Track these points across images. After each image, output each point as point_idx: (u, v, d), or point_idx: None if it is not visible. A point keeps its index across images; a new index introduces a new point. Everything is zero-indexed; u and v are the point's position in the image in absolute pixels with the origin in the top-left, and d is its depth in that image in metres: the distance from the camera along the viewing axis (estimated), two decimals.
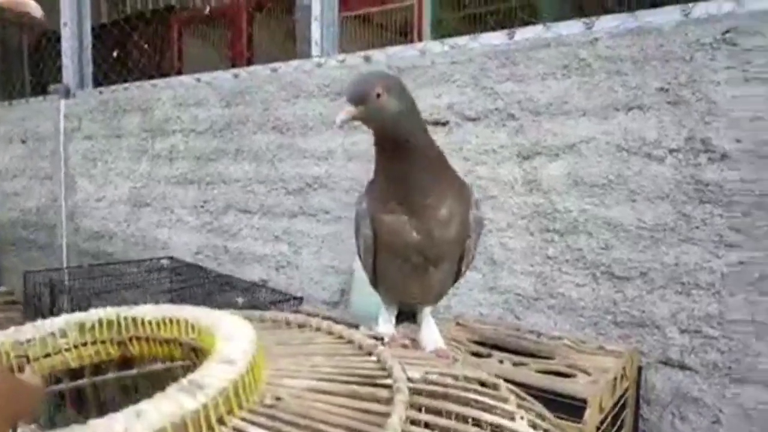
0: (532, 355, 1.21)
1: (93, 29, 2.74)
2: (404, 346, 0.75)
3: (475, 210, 0.83)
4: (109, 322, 0.57)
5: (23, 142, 3.03)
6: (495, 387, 0.55)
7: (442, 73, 1.57)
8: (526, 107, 1.43)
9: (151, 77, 2.51)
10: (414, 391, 0.47)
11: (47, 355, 0.54)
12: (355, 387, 0.46)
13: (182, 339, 0.54)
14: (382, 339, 0.62)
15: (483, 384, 0.56)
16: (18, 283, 2.36)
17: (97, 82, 2.76)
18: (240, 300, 1.84)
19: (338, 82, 1.78)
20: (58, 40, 2.77)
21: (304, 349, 0.54)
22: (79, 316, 0.56)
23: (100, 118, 2.58)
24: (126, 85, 2.52)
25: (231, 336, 0.46)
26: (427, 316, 0.91)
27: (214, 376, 0.41)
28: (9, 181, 3.15)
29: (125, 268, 2.22)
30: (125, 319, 0.56)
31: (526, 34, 1.44)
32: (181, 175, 2.28)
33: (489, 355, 1.21)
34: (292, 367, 0.48)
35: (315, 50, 1.86)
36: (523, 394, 0.59)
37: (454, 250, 0.83)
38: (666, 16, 1.24)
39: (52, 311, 1.99)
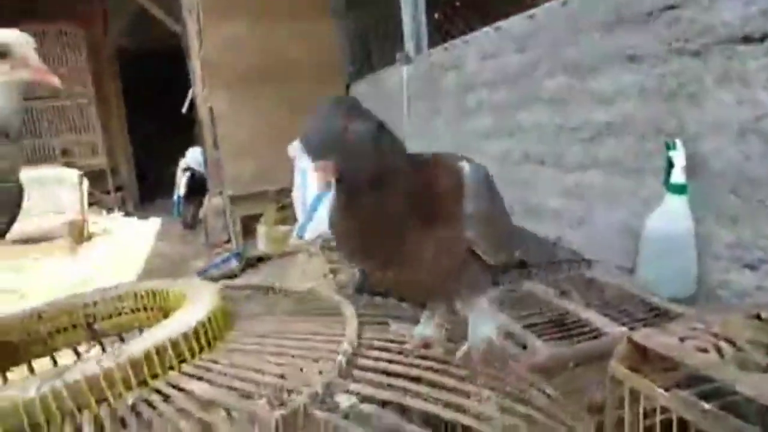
0: None
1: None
2: (426, 347, 0.64)
3: (471, 203, 0.64)
4: (155, 293, 0.67)
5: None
6: None
7: None
8: None
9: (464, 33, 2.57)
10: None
11: (110, 317, 0.68)
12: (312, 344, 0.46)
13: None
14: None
15: None
16: None
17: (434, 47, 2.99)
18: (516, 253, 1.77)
19: (633, 4, 1.48)
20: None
21: (286, 316, 0.56)
22: (134, 284, 0.69)
23: (429, 78, 2.81)
24: (445, 45, 2.66)
25: (189, 304, 0.50)
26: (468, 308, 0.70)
27: (147, 338, 0.45)
28: None
29: None
30: (163, 290, 0.66)
31: None
32: (488, 128, 2.31)
33: None
34: (259, 329, 0.49)
35: None
36: None
37: (444, 274, 0.63)
38: None
39: None
